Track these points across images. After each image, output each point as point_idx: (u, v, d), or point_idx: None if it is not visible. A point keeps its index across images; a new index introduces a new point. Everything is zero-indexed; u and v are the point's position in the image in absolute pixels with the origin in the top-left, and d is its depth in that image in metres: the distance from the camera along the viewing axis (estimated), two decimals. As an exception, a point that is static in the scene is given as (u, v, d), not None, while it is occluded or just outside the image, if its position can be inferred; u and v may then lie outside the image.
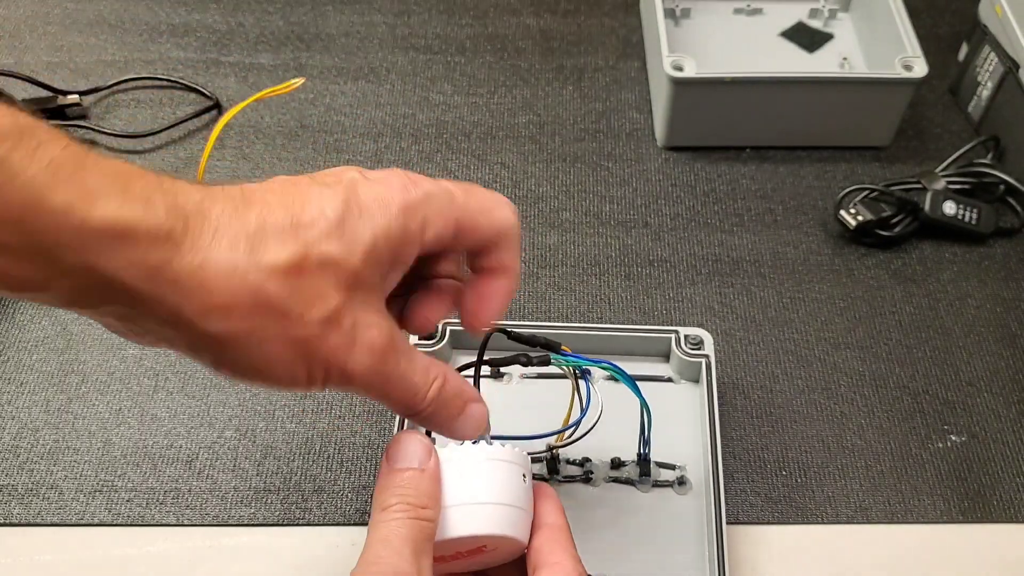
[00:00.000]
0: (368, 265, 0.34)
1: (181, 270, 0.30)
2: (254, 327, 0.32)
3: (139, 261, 0.30)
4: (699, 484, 0.53)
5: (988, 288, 0.65)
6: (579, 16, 0.82)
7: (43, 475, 0.55)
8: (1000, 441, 0.58)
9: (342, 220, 0.33)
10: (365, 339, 0.34)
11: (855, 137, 0.73)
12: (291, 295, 0.32)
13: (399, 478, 0.36)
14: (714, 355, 0.55)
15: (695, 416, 0.56)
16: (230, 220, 0.31)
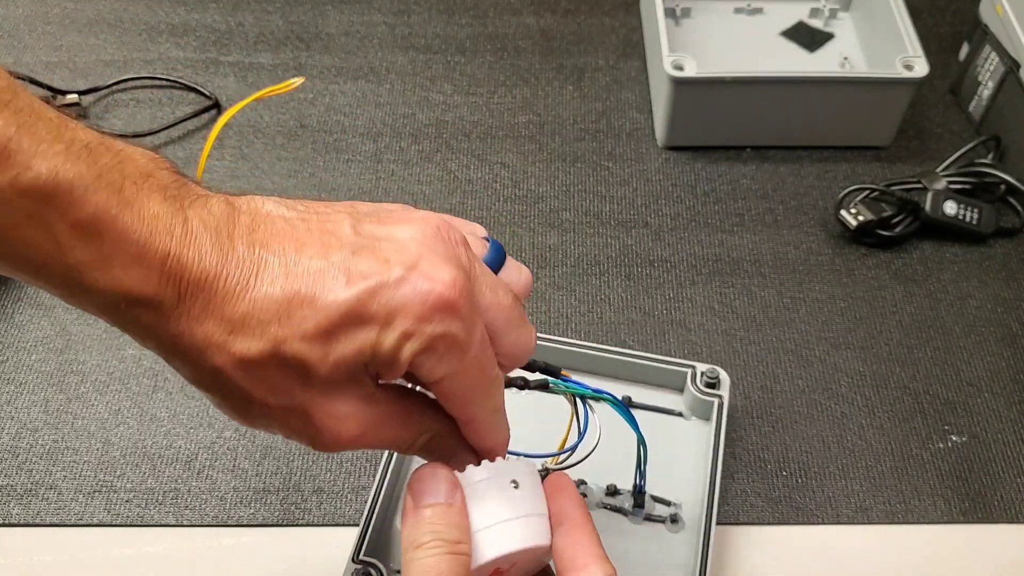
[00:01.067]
0: (344, 372, 0.33)
1: (164, 336, 0.32)
2: (221, 399, 0.33)
3: (134, 319, 0.32)
4: (692, 525, 0.52)
5: (989, 288, 0.65)
6: (579, 16, 0.82)
7: (42, 475, 0.55)
8: (1001, 441, 0.58)
9: (333, 330, 0.32)
10: (333, 430, 0.34)
11: (856, 137, 0.73)
12: (252, 383, 0.32)
13: (429, 514, 0.35)
14: (728, 396, 0.54)
15: (700, 454, 0.54)
16: (223, 300, 0.31)
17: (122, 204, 0.30)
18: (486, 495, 0.37)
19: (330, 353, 0.32)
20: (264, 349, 0.32)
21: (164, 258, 0.31)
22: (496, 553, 0.36)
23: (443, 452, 0.38)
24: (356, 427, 0.34)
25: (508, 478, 0.37)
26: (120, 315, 0.32)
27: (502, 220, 0.68)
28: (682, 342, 0.61)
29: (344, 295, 0.32)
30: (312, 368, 0.32)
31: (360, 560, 0.48)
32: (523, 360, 0.38)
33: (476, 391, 0.36)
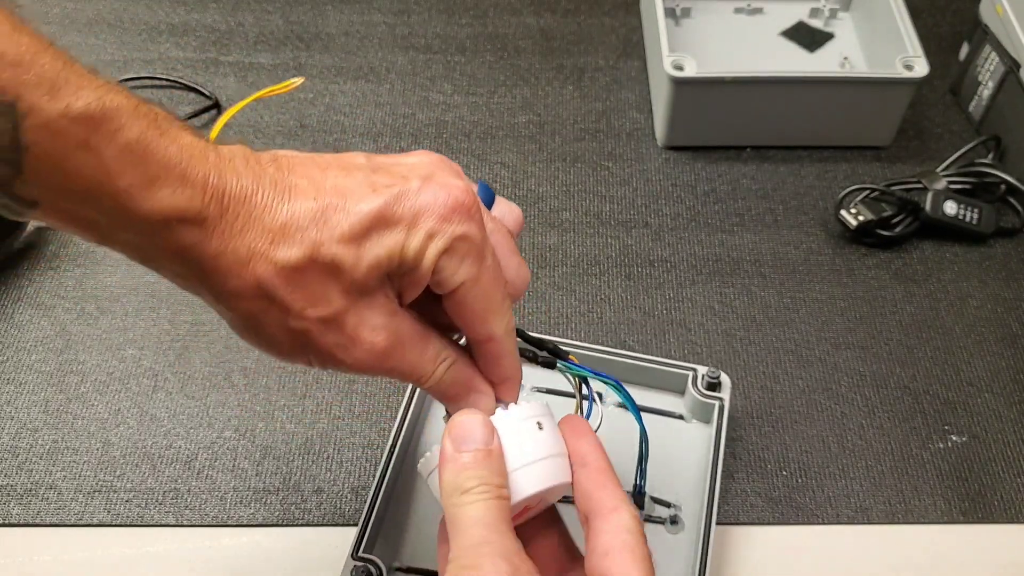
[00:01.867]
0: (375, 276, 0.35)
1: (205, 254, 0.34)
2: (258, 312, 0.35)
3: (175, 241, 0.33)
4: (692, 526, 0.52)
5: (989, 288, 0.65)
6: (579, 16, 0.82)
7: (42, 475, 0.55)
8: (1001, 441, 0.58)
9: (365, 231, 0.35)
10: (366, 341, 0.36)
11: (856, 137, 0.73)
12: (293, 292, 0.35)
13: (471, 460, 0.37)
14: (729, 399, 0.54)
15: (700, 457, 0.54)
16: (262, 212, 0.34)
17: (161, 132, 0.33)
18: (515, 437, 0.39)
19: (363, 256, 0.34)
20: (304, 254, 0.34)
21: (206, 177, 0.33)
22: (531, 491, 0.38)
23: (462, 384, 0.39)
24: (386, 339, 0.36)
25: (533, 420, 0.39)
26: (162, 238, 0.33)
27: (502, 220, 0.68)
28: (682, 342, 0.61)
29: (372, 201, 0.35)
30: (347, 271, 0.34)
31: (359, 557, 0.48)
32: (522, 290, 0.40)
33: (493, 302, 0.37)
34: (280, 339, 0.36)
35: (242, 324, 0.36)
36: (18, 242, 0.65)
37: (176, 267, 0.35)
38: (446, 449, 0.37)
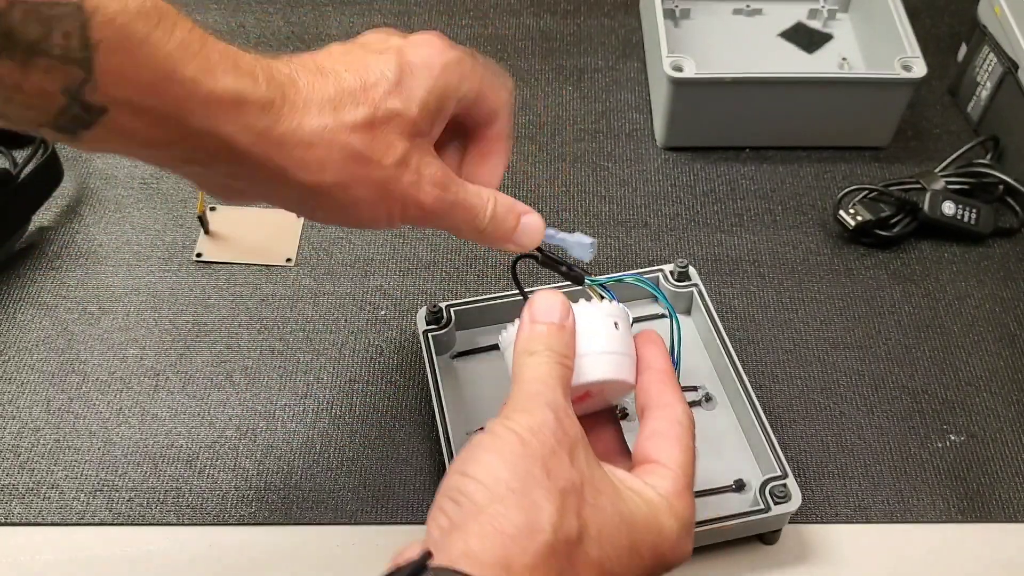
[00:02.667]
0: (423, 115, 0.40)
1: (283, 132, 0.37)
2: (344, 175, 0.39)
3: (250, 126, 0.36)
4: (722, 398, 0.56)
5: (987, 288, 0.65)
6: (579, 16, 0.82)
7: (44, 474, 0.55)
8: (999, 441, 0.58)
9: (399, 81, 0.40)
10: (428, 175, 0.41)
11: (854, 137, 0.73)
12: (369, 145, 0.39)
13: (543, 330, 0.40)
14: (702, 283, 0.59)
15: (695, 344, 0.59)
16: (313, 90, 0.38)
17: (203, 32, 0.36)
18: (591, 326, 0.42)
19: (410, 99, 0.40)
20: (367, 112, 0.39)
21: (254, 67, 0.37)
22: (593, 377, 0.41)
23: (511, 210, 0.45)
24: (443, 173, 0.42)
25: (612, 318, 0.43)
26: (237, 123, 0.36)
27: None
28: (681, 342, 0.62)
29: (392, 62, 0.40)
30: (403, 115, 0.40)
31: None
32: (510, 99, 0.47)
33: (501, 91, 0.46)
34: (365, 196, 0.40)
35: (323, 201, 0.39)
36: (20, 242, 0.65)
37: (251, 162, 0.37)
38: (524, 319, 0.41)
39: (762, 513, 0.50)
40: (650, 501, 0.38)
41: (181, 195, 0.68)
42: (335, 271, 0.65)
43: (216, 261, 0.65)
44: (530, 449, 0.35)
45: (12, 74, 0.32)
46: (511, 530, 0.33)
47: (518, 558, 0.32)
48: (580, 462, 0.36)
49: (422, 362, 0.60)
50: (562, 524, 0.34)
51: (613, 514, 0.36)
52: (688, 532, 0.38)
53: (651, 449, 0.40)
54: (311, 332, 0.62)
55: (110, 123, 0.34)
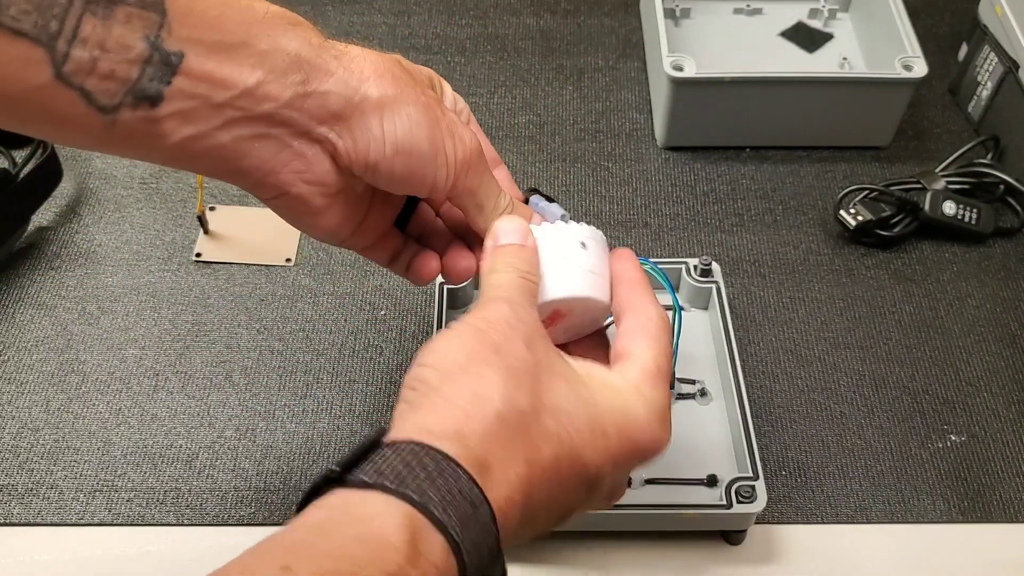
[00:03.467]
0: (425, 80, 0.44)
1: (341, 48, 0.40)
2: (399, 89, 0.39)
3: (310, 39, 0.39)
4: (718, 394, 0.57)
5: (988, 288, 0.65)
6: (579, 16, 0.82)
7: (43, 475, 0.55)
8: (1000, 441, 0.58)
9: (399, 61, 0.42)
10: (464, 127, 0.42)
11: (855, 137, 0.73)
12: (413, 75, 0.41)
13: (506, 251, 0.41)
14: (722, 281, 0.59)
15: (706, 339, 0.59)
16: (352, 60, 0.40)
17: None
18: (556, 247, 0.42)
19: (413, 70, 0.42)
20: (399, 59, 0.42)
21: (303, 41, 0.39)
22: (559, 295, 0.41)
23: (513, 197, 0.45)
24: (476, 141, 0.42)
25: (578, 239, 0.43)
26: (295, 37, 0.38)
27: (502, 220, 0.68)
28: (682, 342, 0.62)
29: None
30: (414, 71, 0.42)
31: None
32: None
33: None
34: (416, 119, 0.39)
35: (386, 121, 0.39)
36: (20, 242, 0.65)
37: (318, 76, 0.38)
38: (487, 244, 0.42)
39: (722, 509, 0.50)
40: (614, 386, 0.38)
41: (181, 195, 0.68)
42: (335, 271, 0.65)
43: (216, 261, 0.65)
44: (483, 336, 0.36)
45: (96, 31, 0.33)
46: (461, 403, 0.34)
47: (469, 425, 0.34)
48: (537, 349, 0.37)
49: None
50: (513, 396, 0.35)
51: (569, 393, 0.37)
52: (660, 418, 0.38)
53: (621, 346, 0.40)
54: (311, 332, 0.61)
55: (185, 76, 0.35)
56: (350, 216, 0.43)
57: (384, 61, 0.40)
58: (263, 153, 0.39)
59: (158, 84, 0.35)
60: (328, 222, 0.42)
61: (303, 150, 0.39)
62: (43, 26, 0.32)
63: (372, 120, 0.39)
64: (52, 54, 0.33)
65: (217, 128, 0.37)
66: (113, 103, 0.35)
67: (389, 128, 0.39)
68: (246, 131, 0.38)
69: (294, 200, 0.41)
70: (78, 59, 0.33)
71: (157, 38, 0.34)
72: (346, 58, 0.39)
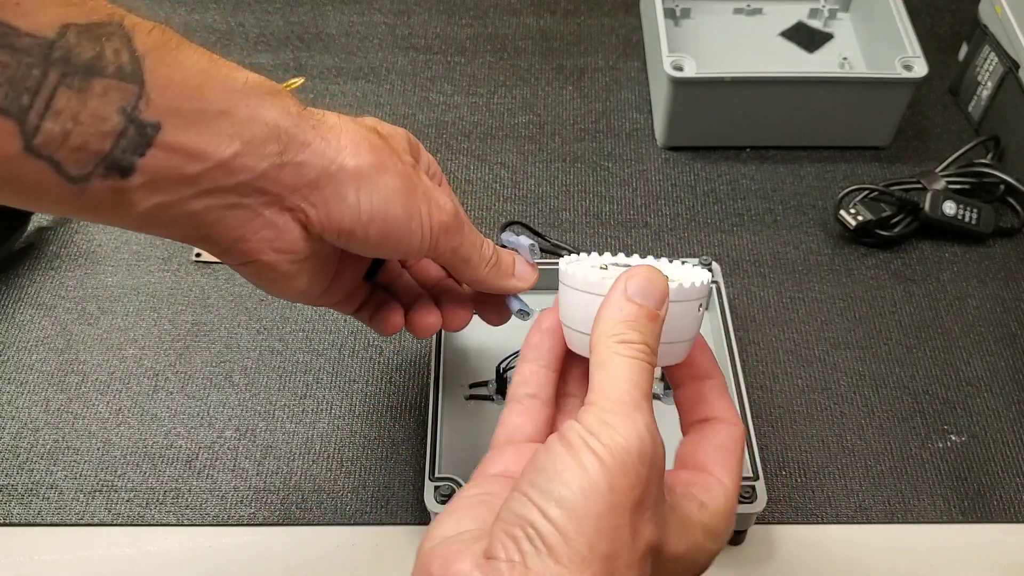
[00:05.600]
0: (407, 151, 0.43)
1: (318, 117, 0.39)
2: (377, 158, 0.39)
3: (288, 108, 0.38)
4: None
5: (988, 288, 0.65)
6: (579, 16, 0.82)
7: (43, 475, 0.55)
8: (1000, 441, 0.58)
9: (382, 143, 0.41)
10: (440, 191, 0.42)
11: (855, 137, 0.73)
12: (388, 143, 0.41)
13: (640, 314, 0.36)
14: (722, 282, 0.59)
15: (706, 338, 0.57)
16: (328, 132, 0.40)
17: None
18: (679, 310, 0.38)
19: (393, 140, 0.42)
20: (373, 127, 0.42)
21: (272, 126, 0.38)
22: (664, 364, 0.40)
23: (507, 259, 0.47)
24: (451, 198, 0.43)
25: (699, 301, 0.39)
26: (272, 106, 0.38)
27: (502, 220, 0.68)
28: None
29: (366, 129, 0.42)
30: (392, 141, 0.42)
31: (437, 477, 0.50)
32: None
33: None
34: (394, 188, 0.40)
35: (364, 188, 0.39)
36: (19, 242, 0.65)
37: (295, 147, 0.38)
38: (619, 288, 0.36)
39: None
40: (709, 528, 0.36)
41: (180, 195, 0.68)
42: (335, 271, 0.65)
43: (216, 261, 0.65)
44: (617, 496, 0.31)
45: (70, 104, 0.32)
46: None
47: None
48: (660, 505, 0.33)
49: (422, 362, 0.60)
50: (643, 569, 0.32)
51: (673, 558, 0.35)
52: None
53: (711, 459, 0.39)
54: (311, 332, 0.61)
55: (160, 148, 0.34)
56: (320, 278, 0.43)
57: (361, 130, 0.40)
58: (233, 222, 0.38)
59: (131, 156, 0.34)
60: (298, 286, 0.42)
61: (274, 219, 0.39)
62: (14, 99, 0.31)
63: (348, 189, 0.39)
64: (22, 127, 0.32)
65: (188, 198, 0.36)
66: (83, 173, 0.33)
67: (365, 197, 0.39)
68: (217, 201, 0.37)
69: (263, 267, 0.40)
70: (49, 131, 0.32)
71: (134, 110, 0.33)
72: (323, 127, 0.39)
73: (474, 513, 0.35)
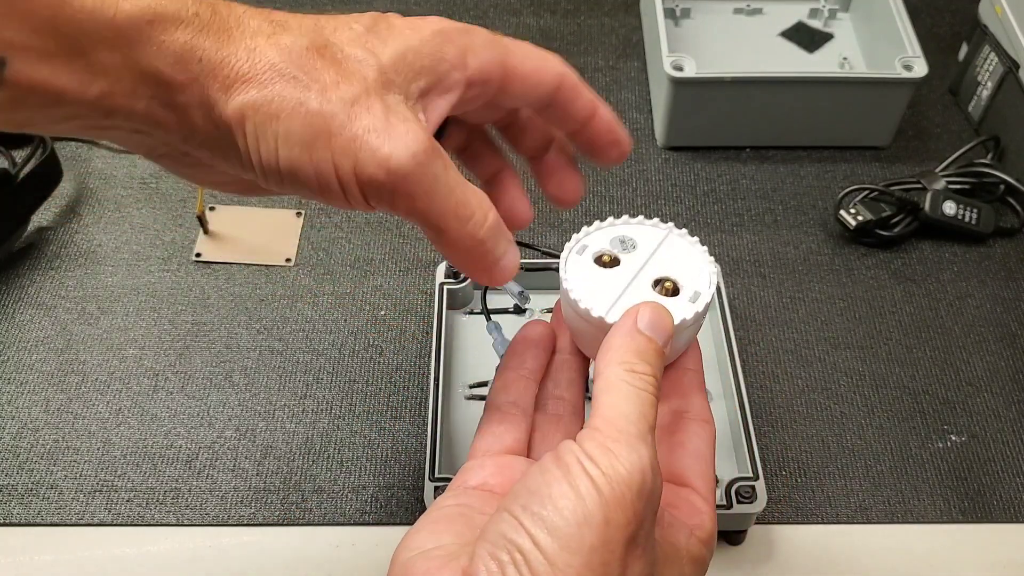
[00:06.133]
0: (396, 69, 0.32)
1: (207, 50, 0.30)
2: (272, 96, 0.31)
3: (168, 45, 0.30)
4: (718, 394, 0.56)
5: (988, 288, 0.65)
6: (579, 16, 0.82)
7: (43, 475, 0.55)
8: (1000, 441, 0.58)
9: (367, 32, 0.33)
10: (400, 130, 0.32)
11: (855, 137, 0.73)
12: (310, 72, 0.31)
13: (651, 348, 0.35)
14: (722, 282, 0.59)
15: (706, 338, 0.58)
16: (256, 14, 0.32)
17: None
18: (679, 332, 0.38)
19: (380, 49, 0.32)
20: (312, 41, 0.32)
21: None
22: None
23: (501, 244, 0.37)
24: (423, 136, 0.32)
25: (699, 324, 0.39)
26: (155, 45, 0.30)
27: (502, 220, 0.68)
28: (682, 342, 0.62)
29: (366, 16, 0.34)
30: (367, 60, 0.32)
31: (437, 478, 0.50)
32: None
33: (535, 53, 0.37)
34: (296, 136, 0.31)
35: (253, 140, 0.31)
36: (19, 242, 0.65)
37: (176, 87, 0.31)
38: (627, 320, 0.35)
39: (723, 510, 0.50)
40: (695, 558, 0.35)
41: (180, 195, 0.68)
42: (334, 271, 0.65)
43: (215, 261, 0.65)
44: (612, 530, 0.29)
45: None
46: None
47: None
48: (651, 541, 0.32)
49: (422, 362, 0.60)
50: None
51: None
52: None
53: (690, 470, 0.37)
54: (310, 332, 0.61)
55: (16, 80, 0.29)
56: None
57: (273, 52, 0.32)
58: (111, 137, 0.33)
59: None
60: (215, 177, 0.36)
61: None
62: None
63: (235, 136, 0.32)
64: None
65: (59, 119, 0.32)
66: None
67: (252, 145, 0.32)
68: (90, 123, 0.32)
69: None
70: None
71: None
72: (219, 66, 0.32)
73: (454, 527, 0.33)
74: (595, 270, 0.40)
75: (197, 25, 0.30)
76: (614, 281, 0.40)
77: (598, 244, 0.41)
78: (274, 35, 0.31)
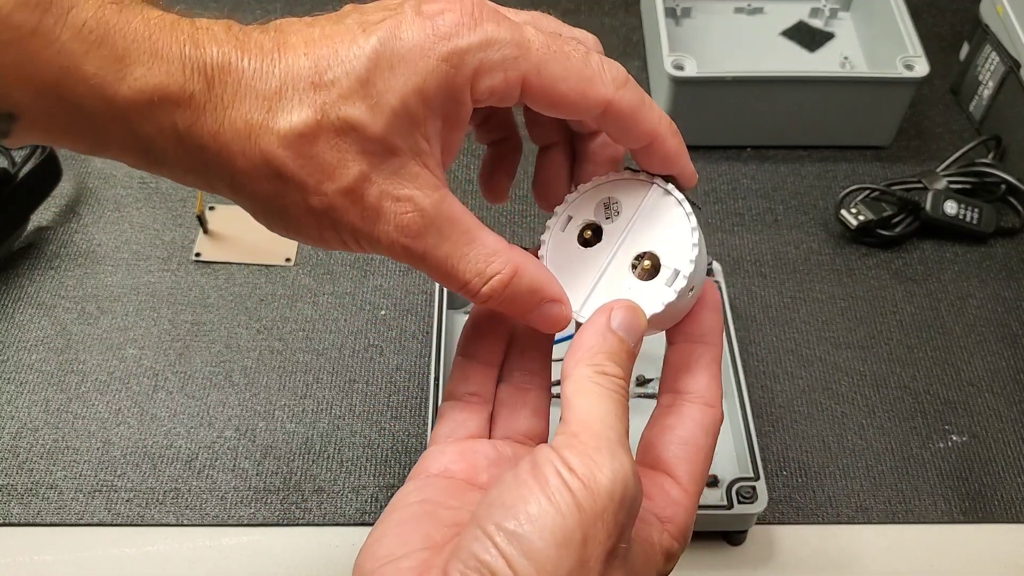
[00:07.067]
0: (397, 130, 0.31)
1: (204, 134, 0.31)
2: (274, 194, 0.31)
3: (168, 127, 0.30)
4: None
5: (989, 288, 0.65)
6: (579, 16, 0.82)
7: (42, 475, 0.55)
8: (1001, 441, 0.58)
9: (368, 78, 0.31)
10: (392, 216, 0.32)
11: (856, 137, 0.73)
12: (305, 164, 0.31)
13: (622, 348, 0.33)
14: (723, 279, 0.58)
15: None
16: (253, 78, 0.31)
17: (120, 8, 0.30)
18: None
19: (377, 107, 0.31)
20: (308, 117, 0.30)
21: (180, 49, 0.30)
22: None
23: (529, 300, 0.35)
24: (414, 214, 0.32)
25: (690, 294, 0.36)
26: (154, 127, 0.30)
27: (502, 220, 0.68)
28: (682, 342, 0.62)
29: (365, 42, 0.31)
30: (361, 128, 0.31)
31: None
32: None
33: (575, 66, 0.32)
34: (306, 222, 0.32)
35: (263, 211, 0.33)
36: (19, 242, 0.65)
37: (181, 160, 0.31)
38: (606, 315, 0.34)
39: (724, 510, 0.50)
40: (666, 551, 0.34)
41: (180, 194, 0.68)
42: (334, 271, 0.64)
43: (215, 261, 0.65)
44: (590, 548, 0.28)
45: None
46: None
47: None
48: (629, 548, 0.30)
49: (422, 362, 0.60)
50: None
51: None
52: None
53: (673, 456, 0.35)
54: (311, 332, 0.61)
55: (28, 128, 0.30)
56: None
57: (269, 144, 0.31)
58: None
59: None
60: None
61: None
62: None
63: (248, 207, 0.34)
64: None
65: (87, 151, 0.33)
66: None
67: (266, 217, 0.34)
68: None
69: None
70: None
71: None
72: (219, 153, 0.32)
73: (421, 528, 0.32)
74: (575, 251, 0.37)
75: (194, 107, 0.30)
76: (592, 264, 0.37)
77: (583, 212, 0.37)
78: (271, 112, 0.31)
